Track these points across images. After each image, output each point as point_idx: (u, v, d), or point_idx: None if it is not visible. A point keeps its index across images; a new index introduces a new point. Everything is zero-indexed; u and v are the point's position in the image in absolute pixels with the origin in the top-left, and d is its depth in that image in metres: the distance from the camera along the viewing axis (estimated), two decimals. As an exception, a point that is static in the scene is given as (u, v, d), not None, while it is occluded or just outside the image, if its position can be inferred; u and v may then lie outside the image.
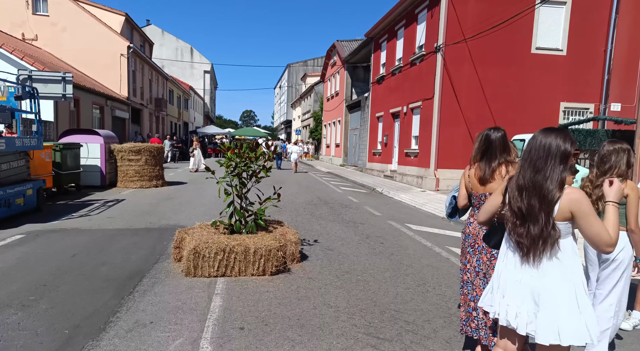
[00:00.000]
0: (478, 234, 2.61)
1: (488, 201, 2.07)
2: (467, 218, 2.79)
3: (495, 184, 2.52)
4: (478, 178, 2.59)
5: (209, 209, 8.10)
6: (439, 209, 9.10)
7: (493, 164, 2.55)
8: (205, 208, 8.35)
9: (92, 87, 16.48)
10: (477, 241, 2.61)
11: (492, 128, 2.66)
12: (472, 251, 2.64)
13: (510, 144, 2.69)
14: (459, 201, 2.77)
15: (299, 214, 8.10)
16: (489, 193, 2.55)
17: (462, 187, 2.75)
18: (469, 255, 2.67)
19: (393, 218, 8.21)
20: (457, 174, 12.67)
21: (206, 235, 4.37)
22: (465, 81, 12.58)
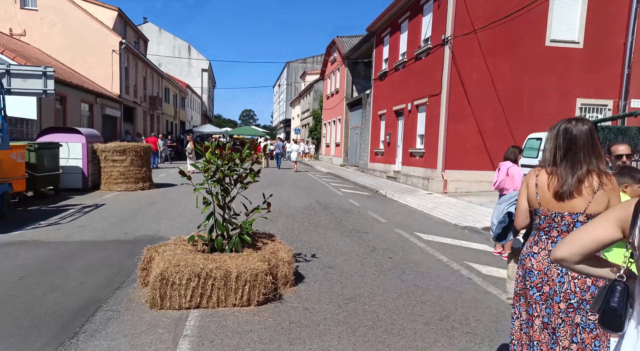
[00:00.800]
0: (548, 271, 1.80)
1: (584, 230, 1.24)
2: (527, 246, 1.96)
3: (581, 202, 1.72)
4: (554, 190, 1.78)
5: (195, 217, 7.28)
6: (450, 215, 8.28)
7: (579, 172, 1.74)
8: (191, 214, 7.54)
9: (81, 83, 15.67)
10: (547, 282, 1.80)
11: (573, 119, 1.83)
12: (540, 297, 1.83)
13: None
14: (518, 219, 1.95)
15: (296, 221, 7.29)
16: (568, 212, 1.74)
17: (522, 199, 1.93)
18: (534, 301, 1.86)
19: (400, 225, 7.40)
20: (466, 176, 11.87)
21: (179, 254, 3.56)
22: (475, 75, 11.76)
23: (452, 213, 8.53)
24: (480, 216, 8.12)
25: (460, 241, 6.40)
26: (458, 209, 9.06)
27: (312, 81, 35.54)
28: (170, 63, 45.45)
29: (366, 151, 19.41)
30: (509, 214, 2.08)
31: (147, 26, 45.09)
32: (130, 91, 21.68)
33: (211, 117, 61.40)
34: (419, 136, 13.80)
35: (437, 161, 12.06)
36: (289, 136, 47.61)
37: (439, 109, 12.07)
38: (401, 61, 15.13)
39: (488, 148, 11.92)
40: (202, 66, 48.38)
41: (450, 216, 8.23)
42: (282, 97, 57.19)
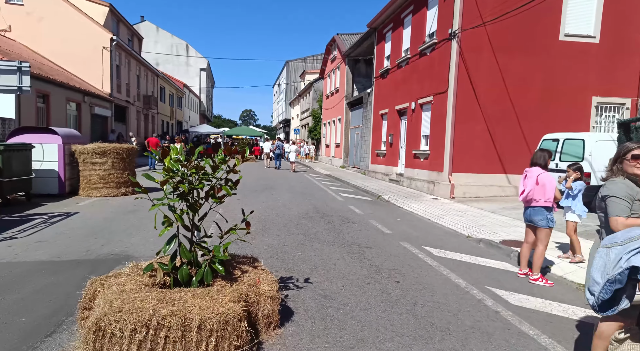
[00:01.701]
0: None
1: None
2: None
3: None
4: None
5: (176, 227, 6.45)
6: (461, 224, 7.44)
7: None
8: (172, 224, 6.70)
9: (67, 81, 14.83)
10: None
11: None
12: None
13: None
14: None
15: (289, 233, 6.45)
16: None
17: None
18: None
19: (406, 236, 6.56)
20: (475, 180, 11.03)
21: (129, 292, 2.72)
22: (484, 71, 10.92)
23: (462, 222, 7.69)
24: (496, 226, 7.27)
25: (477, 257, 5.55)
26: (469, 217, 8.21)
27: (311, 80, 34.73)
28: (168, 62, 44.67)
29: (367, 153, 18.58)
30: (632, 271, 1.25)
31: (144, 25, 44.35)
32: (122, 90, 20.84)
33: (210, 118, 60.60)
34: (423, 136, 12.96)
35: (444, 163, 11.23)
36: (288, 136, 46.83)
37: (446, 108, 11.23)
38: (404, 58, 14.29)
39: (498, 150, 11.09)
40: (201, 65, 47.61)
41: (462, 226, 7.39)
42: (282, 97, 56.39)
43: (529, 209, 4.73)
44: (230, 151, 3.04)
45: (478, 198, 10.77)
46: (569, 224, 5.23)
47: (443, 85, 11.38)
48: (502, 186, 11.12)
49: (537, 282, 4.53)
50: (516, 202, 10.11)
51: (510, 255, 5.63)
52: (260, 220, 7.32)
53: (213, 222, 3.63)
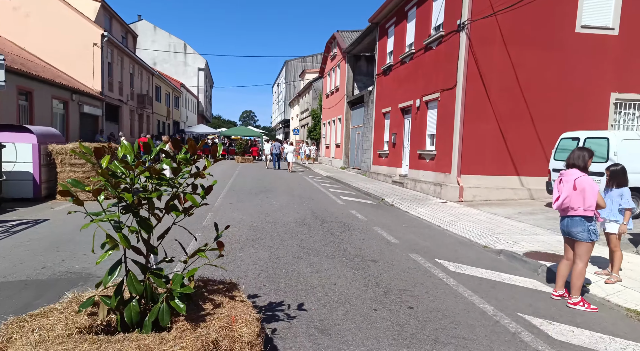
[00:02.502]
0: None
1: None
2: None
3: None
4: None
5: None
6: (476, 232, 6.68)
7: None
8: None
9: (53, 78, 14.09)
10: None
11: None
12: None
13: None
14: None
15: (283, 243, 5.69)
16: None
17: None
18: None
19: (416, 247, 5.81)
20: (485, 182, 10.28)
21: (50, 342, 1.97)
22: (496, 65, 10.18)
23: (476, 229, 6.94)
24: (514, 234, 6.51)
25: (499, 273, 4.80)
26: (483, 223, 7.46)
27: (311, 80, 34.02)
28: (165, 62, 44.10)
29: (369, 153, 17.82)
30: None
31: (142, 24, 43.70)
32: (114, 88, 20.11)
33: (208, 118, 59.89)
34: (429, 136, 12.21)
35: (452, 164, 10.47)
36: (288, 136, 46.13)
37: (454, 106, 10.48)
38: (408, 53, 13.55)
39: (510, 150, 10.34)
40: (199, 65, 46.96)
41: (476, 234, 6.64)
42: (281, 97, 55.70)
43: (565, 219, 3.98)
44: (195, 149, 2.29)
45: (489, 202, 10.02)
46: (611, 237, 4.45)
47: (451, 81, 10.63)
48: (514, 188, 10.36)
49: (577, 307, 3.78)
50: (531, 206, 9.36)
51: (537, 270, 4.88)
52: (252, 228, 6.57)
53: (191, 237, 2.92)
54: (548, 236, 6.43)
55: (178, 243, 2.66)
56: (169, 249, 4.72)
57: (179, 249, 4.04)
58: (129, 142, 2.51)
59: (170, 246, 4.13)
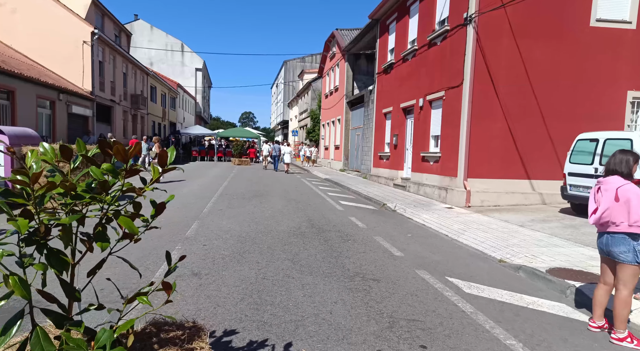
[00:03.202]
0: None
1: None
2: None
3: None
4: None
5: (116, 268, 5.05)
6: (488, 243, 6.03)
7: None
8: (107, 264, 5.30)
9: (37, 76, 13.45)
10: None
11: None
12: None
13: None
14: None
15: (274, 258, 5.04)
16: None
17: None
18: None
19: (423, 261, 5.17)
20: (494, 186, 9.64)
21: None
22: (505, 61, 9.55)
23: (489, 240, 6.29)
24: (532, 246, 5.87)
25: (521, 295, 4.15)
26: (495, 232, 6.81)
27: (310, 80, 33.41)
28: (162, 62, 43.48)
29: (369, 155, 17.18)
30: None
31: (138, 23, 43.14)
32: (106, 88, 19.46)
33: (207, 119, 59.26)
34: (433, 137, 11.57)
35: (458, 167, 9.83)
36: (286, 138, 45.51)
37: (460, 105, 9.85)
38: (410, 50, 12.92)
39: (520, 152, 9.70)
40: (196, 65, 46.35)
41: (489, 245, 5.99)
42: (280, 97, 55.10)
43: (605, 236, 3.33)
44: (126, 156, 1.65)
45: (498, 208, 9.37)
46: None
47: (457, 78, 10.00)
48: (525, 193, 9.72)
49: (624, 343, 3.13)
50: (544, 212, 8.72)
51: (565, 292, 4.23)
52: (241, 239, 5.92)
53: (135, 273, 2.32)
54: (569, 249, 5.78)
55: (113, 283, 2.01)
56: (125, 284, 4.05)
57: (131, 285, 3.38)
58: (50, 146, 1.87)
59: (126, 279, 3.49)
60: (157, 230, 6.04)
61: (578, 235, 6.62)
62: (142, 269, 4.40)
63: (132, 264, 1.92)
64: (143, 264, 4.56)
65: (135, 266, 1.92)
